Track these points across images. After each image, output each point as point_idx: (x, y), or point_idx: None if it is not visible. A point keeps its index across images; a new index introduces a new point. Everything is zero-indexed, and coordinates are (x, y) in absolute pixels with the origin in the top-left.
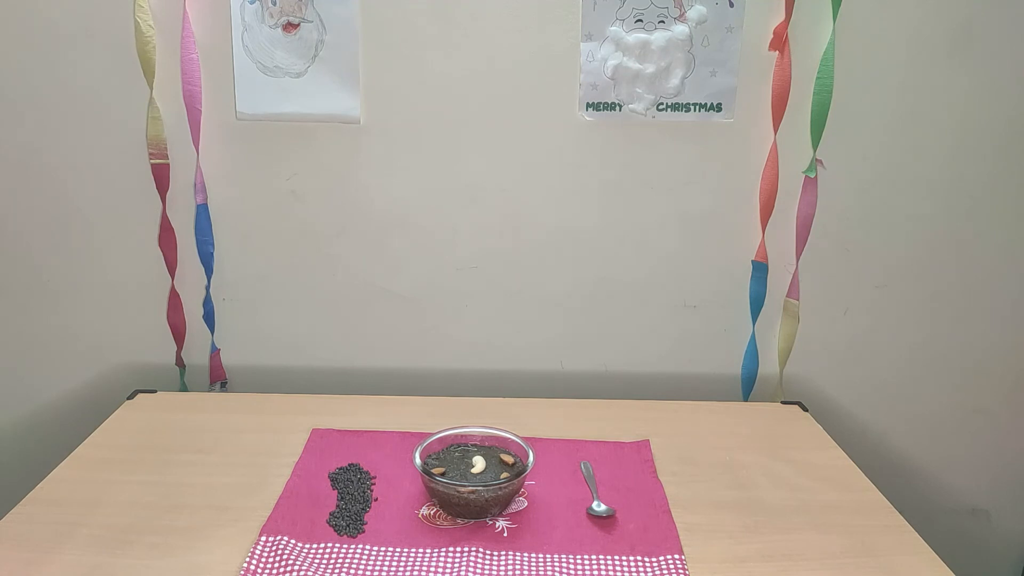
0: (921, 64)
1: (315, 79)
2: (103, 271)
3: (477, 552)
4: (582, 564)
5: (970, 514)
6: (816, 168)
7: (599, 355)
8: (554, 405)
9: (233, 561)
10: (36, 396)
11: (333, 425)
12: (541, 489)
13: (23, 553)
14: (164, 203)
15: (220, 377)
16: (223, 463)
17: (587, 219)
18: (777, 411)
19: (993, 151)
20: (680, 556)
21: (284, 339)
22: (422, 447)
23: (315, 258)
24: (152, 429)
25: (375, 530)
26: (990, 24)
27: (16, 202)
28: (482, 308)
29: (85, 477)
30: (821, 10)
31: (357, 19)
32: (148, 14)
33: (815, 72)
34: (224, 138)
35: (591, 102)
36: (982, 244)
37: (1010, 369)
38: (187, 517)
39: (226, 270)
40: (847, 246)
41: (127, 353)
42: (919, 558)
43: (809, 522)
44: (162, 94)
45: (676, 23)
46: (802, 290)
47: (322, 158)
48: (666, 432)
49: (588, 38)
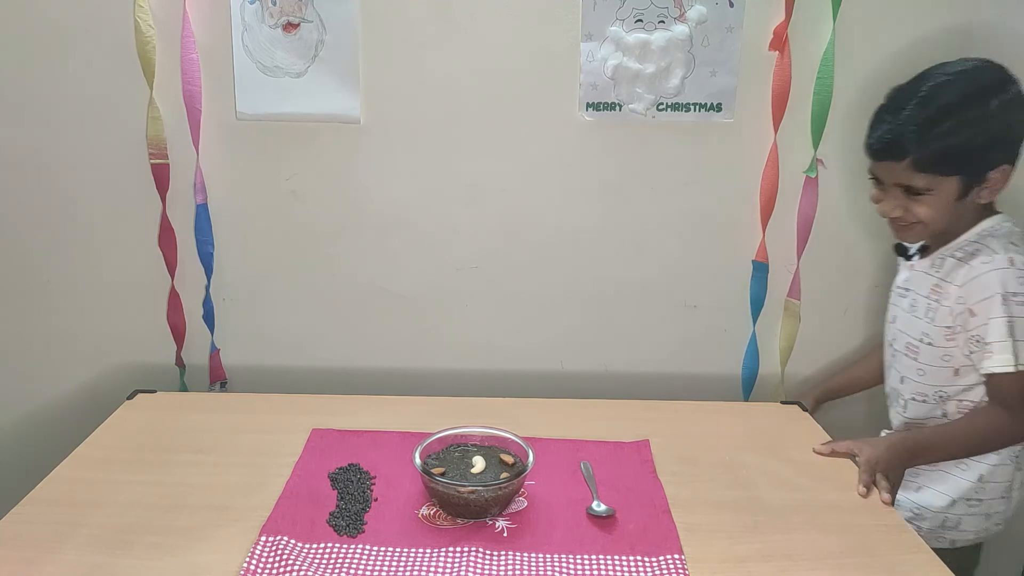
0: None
1: (315, 79)
2: (103, 271)
3: (477, 552)
4: (582, 564)
5: None
6: (817, 168)
7: (599, 355)
8: (554, 405)
9: (233, 561)
10: (36, 396)
11: (333, 425)
12: (541, 489)
13: (23, 553)
14: (164, 203)
15: (220, 377)
16: (223, 463)
17: (587, 219)
18: (777, 411)
19: None
20: (680, 556)
21: (284, 339)
22: (422, 447)
23: (315, 258)
24: (152, 429)
25: (375, 530)
26: (990, 23)
27: (16, 202)
28: (482, 308)
29: (85, 477)
30: (821, 10)
31: (357, 19)
32: (148, 14)
33: (815, 72)
34: (224, 138)
35: (591, 102)
36: None
37: None
38: (187, 517)
39: (226, 270)
40: (847, 246)
41: (127, 353)
42: (919, 558)
43: (809, 522)
44: (162, 94)
45: (676, 23)
46: (802, 290)
47: (322, 158)
48: (666, 432)
49: (588, 38)
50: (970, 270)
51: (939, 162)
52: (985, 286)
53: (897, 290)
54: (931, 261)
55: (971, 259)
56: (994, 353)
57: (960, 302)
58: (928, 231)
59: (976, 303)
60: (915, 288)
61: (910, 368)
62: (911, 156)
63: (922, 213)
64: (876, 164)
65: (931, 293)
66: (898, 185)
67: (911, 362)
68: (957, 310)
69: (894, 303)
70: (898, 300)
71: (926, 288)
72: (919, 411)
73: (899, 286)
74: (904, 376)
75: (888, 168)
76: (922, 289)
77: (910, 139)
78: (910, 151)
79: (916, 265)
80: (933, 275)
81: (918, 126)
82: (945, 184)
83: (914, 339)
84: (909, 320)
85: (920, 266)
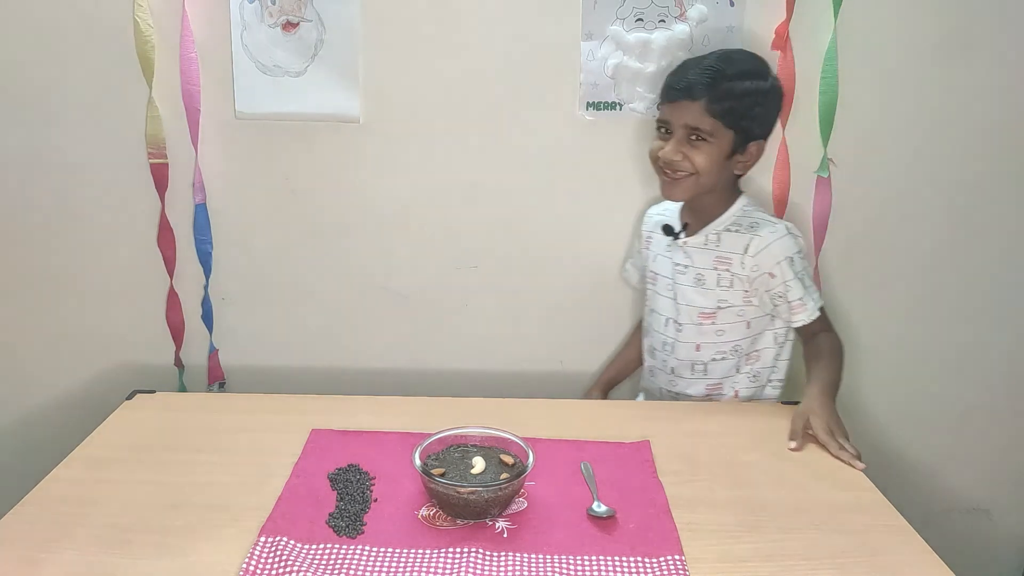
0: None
1: (314, 78)
2: (102, 271)
3: (477, 553)
4: (582, 565)
5: (970, 513)
6: (828, 167)
7: (599, 355)
8: (554, 405)
9: (232, 561)
10: (35, 396)
11: (332, 425)
12: (541, 490)
13: (23, 553)
14: (163, 203)
15: (218, 377)
16: (222, 463)
17: (588, 218)
18: (777, 411)
19: (993, 150)
20: (680, 556)
21: (283, 339)
22: (422, 447)
23: (314, 258)
24: (151, 429)
25: (374, 531)
26: (989, 22)
27: (15, 202)
28: (482, 307)
29: (84, 477)
30: (822, 9)
31: (357, 18)
32: (147, 14)
33: (816, 72)
34: (223, 137)
35: (591, 101)
36: (982, 243)
37: (1010, 369)
38: (186, 517)
39: (224, 270)
40: (848, 245)
41: (126, 353)
42: (919, 558)
43: (809, 522)
44: (161, 93)
45: (677, 22)
46: None
47: (321, 157)
48: (666, 432)
49: (588, 37)
50: (761, 240)
51: (726, 112)
52: (777, 252)
53: (676, 268)
54: (704, 238)
55: (754, 231)
56: (800, 308)
57: (756, 269)
58: (697, 186)
59: (773, 267)
60: (695, 264)
61: (708, 333)
62: (707, 97)
63: (699, 161)
64: (670, 106)
65: (717, 265)
66: (686, 127)
67: (708, 327)
68: (754, 275)
69: (676, 281)
70: (677, 278)
71: (708, 262)
72: (720, 370)
73: (678, 263)
74: (701, 343)
75: (682, 109)
76: (704, 263)
77: (709, 83)
78: (707, 93)
79: (690, 242)
80: (712, 249)
81: (718, 74)
82: (723, 137)
83: (709, 307)
84: (699, 292)
85: (694, 243)
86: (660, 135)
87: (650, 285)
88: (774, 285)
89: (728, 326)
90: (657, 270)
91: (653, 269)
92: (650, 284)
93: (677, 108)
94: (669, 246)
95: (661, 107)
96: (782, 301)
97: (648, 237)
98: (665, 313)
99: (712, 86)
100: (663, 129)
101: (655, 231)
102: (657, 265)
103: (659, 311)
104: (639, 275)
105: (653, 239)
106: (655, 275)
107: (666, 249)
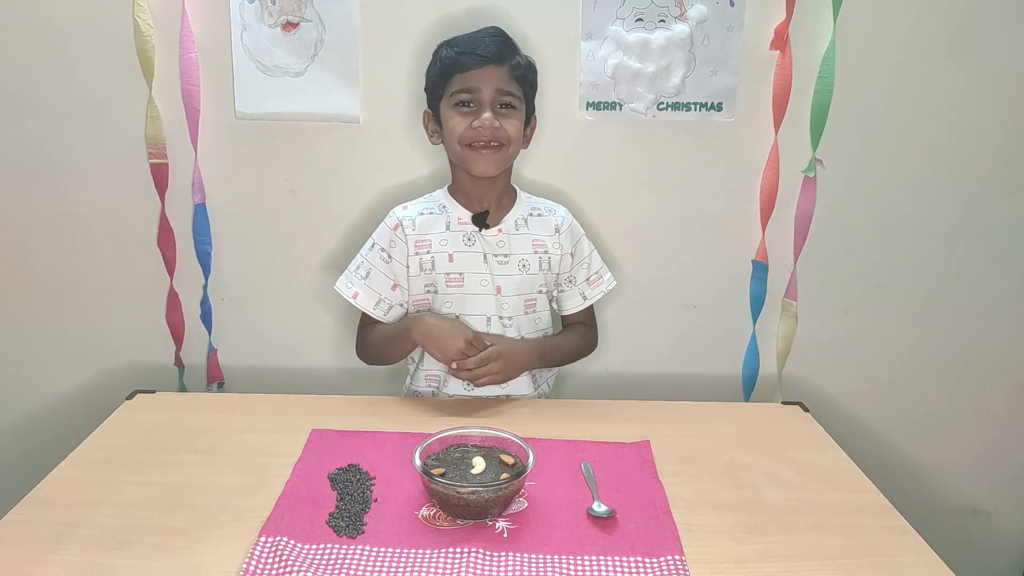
0: (920, 63)
1: (314, 78)
2: (102, 271)
3: (477, 553)
4: (582, 565)
5: (971, 514)
6: (816, 168)
7: (599, 355)
8: (554, 405)
9: (232, 561)
10: (36, 396)
11: (332, 425)
12: (541, 490)
13: (23, 553)
14: (163, 203)
15: (217, 377)
16: (222, 463)
17: (587, 218)
18: (777, 411)
19: (992, 150)
20: (680, 557)
21: (283, 339)
22: (422, 447)
23: (313, 257)
24: (151, 429)
25: (375, 531)
26: (989, 23)
27: (15, 202)
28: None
29: (85, 477)
30: (821, 9)
31: (357, 18)
32: (147, 14)
33: (815, 71)
34: (223, 138)
35: (591, 101)
36: (981, 243)
37: (1010, 369)
38: (186, 517)
39: (224, 270)
40: (847, 246)
41: (126, 353)
42: (919, 558)
43: (809, 522)
44: (161, 93)
45: (676, 22)
46: (802, 290)
47: (321, 158)
48: (666, 432)
49: (588, 37)
50: (562, 220)
51: (522, 79)
52: (577, 230)
53: (496, 259)
54: (514, 224)
55: (552, 213)
56: (597, 281)
57: (563, 248)
58: (507, 158)
59: (577, 243)
60: (515, 251)
61: (527, 323)
62: (513, 60)
63: (511, 130)
64: (478, 72)
65: (535, 249)
66: (496, 93)
67: (530, 316)
68: (562, 254)
69: (496, 273)
70: (497, 269)
71: (527, 247)
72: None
73: (496, 254)
74: (524, 335)
75: (490, 74)
76: (523, 249)
77: (509, 49)
78: (510, 59)
79: (504, 228)
80: (524, 234)
81: (510, 41)
82: (520, 107)
83: (531, 294)
84: (524, 279)
85: (507, 228)
86: (462, 111)
87: (451, 289)
88: (576, 263)
89: (544, 313)
90: (461, 269)
91: (450, 270)
92: (451, 288)
93: (484, 74)
94: (469, 240)
95: (457, 77)
96: (577, 279)
97: (421, 240)
98: (485, 312)
99: (513, 51)
100: (465, 104)
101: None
102: (457, 264)
103: (475, 311)
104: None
105: (433, 240)
106: (458, 276)
107: (466, 244)
